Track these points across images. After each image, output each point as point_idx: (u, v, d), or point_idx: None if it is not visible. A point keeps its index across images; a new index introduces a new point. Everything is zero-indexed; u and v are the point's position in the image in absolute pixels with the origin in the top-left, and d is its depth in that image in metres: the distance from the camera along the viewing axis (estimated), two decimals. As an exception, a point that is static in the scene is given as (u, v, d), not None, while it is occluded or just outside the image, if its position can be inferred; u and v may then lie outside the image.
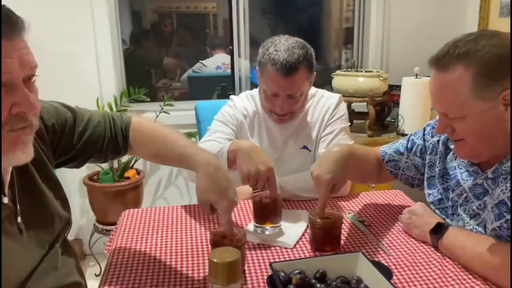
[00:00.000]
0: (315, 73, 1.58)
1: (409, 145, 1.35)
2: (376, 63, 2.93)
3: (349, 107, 2.74)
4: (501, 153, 1.04)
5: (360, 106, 2.67)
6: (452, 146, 1.19)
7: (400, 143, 1.39)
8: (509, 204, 1.00)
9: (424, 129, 1.33)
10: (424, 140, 1.31)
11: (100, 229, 2.57)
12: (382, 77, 2.45)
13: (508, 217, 1.00)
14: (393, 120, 2.68)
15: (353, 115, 2.74)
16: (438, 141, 1.25)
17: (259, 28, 3.85)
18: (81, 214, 2.77)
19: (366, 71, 2.59)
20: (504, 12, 2.53)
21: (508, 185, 1.01)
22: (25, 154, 0.86)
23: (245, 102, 1.71)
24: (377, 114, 2.61)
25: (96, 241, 2.62)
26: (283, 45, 1.49)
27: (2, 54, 0.77)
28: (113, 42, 2.66)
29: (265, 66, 1.50)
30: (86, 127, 1.12)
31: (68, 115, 1.11)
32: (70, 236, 2.68)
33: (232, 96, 1.76)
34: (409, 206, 1.29)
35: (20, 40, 0.81)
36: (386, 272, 1.00)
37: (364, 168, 1.39)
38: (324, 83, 2.79)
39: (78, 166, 1.18)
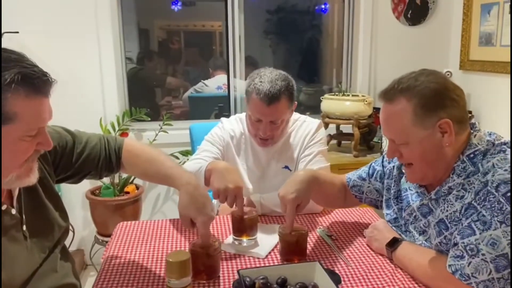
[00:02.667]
0: (296, 102, 1.73)
1: (370, 171, 1.50)
2: (364, 87, 3.07)
3: (337, 128, 2.90)
4: (442, 176, 1.19)
5: (348, 127, 2.80)
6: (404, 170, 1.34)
7: (362, 170, 1.53)
8: (447, 222, 1.15)
9: (383, 157, 1.48)
10: (383, 166, 1.46)
11: (100, 240, 2.70)
12: (366, 101, 2.60)
13: (446, 233, 1.14)
14: (378, 141, 2.82)
15: (341, 136, 2.89)
16: (393, 166, 1.40)
17: (261, 49, 4.00)
18: (83, 226, 2.91)
19: (353, 95, 2.75)
20: (482, 42, 2.70)
21: (446, 205, 1.16)
22: (34, 177, 1.05)
23: (233, 124, 1.86)
24: (364, 135, 2.76)
25: (97, 251, 2.75)
26: (267, 77, 1.64)
27: (41, 108, 0.98)
28: (117, 64, 2.81)
29: (251, 95, 1.66)
30: (84, 149, 1.29)
31: (68, 138, 1.27)
32: (73, 247, 2.80)
33: (222, 119, 1.92)
34: (375, 222, 1.43)
35: (50, 95, 1.01)
36: (337, 279, 1.14)
37: (329, 191, 1.52)
38: (318, 104, 2.86)
39: (77, 182, 1.35)
